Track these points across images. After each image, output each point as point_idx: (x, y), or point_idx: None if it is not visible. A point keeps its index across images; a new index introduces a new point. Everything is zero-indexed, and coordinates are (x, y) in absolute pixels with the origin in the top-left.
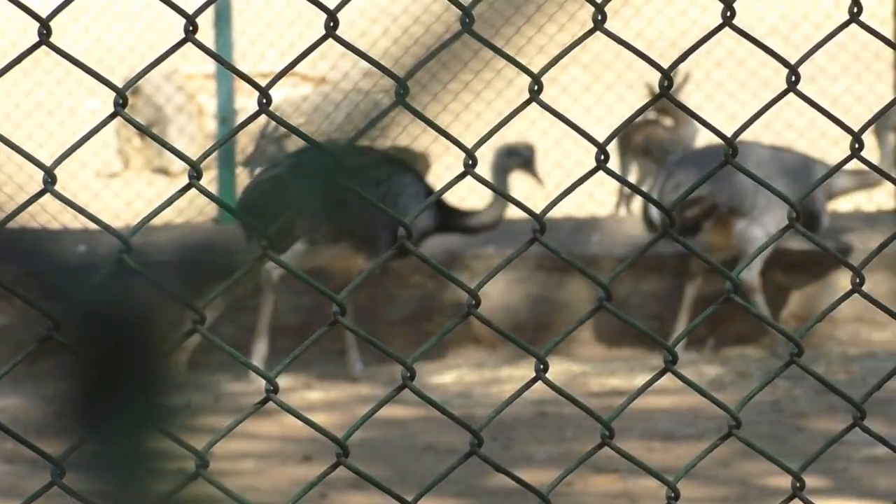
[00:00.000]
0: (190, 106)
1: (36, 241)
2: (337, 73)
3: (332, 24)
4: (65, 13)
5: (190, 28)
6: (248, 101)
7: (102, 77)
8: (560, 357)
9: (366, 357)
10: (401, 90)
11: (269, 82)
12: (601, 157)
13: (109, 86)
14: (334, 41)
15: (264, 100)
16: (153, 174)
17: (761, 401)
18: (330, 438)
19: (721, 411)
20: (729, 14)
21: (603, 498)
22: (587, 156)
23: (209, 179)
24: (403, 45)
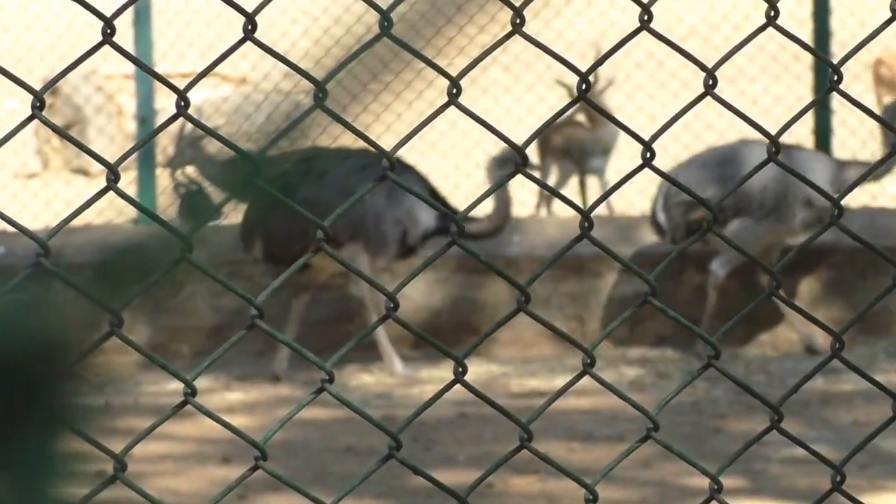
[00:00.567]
0: (109, 106)
1: None
2: (257, 74)
3: (251, 28)
4: None
5: (108, 31)
6: (168, 102)
7: (19, 80)
8: (480, 358)
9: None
10: (319, 93)
11: (187, 85)
12: (520, 161)
13: (27, 88)
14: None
15: (182, 102)
16: (72, 174)
17: (681, 402)
18: (248, 441)
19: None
20: (646, 18)
21: (522, 499)
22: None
23: (129, 181)
24: (324, 47)
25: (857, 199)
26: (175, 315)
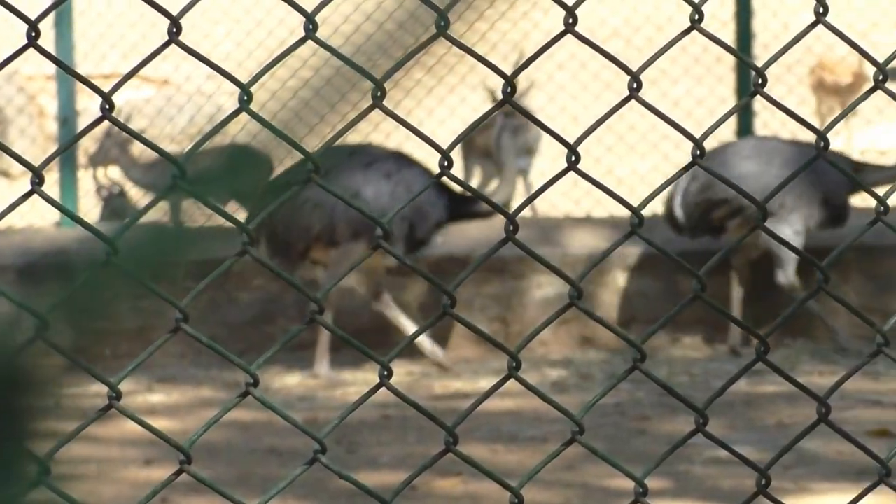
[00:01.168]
0: (31, 107)
1: None
2: (180, 76)
3: (175, 30)
4: None
5: (33, 34)
6: (90, 103)
7: None
8: (404, 359)
9: (208, 360)
10: (244, 96)
11: (112, 88)
12: (444, 164)
13: None
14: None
15: (107, 105)
16: None
17: (604, 403)
18: (173, 445)
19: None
20: (571, 21)
21: (446, 501)
22: (431, 159)
23: (51, 182)
24: (247, 49)
25: None
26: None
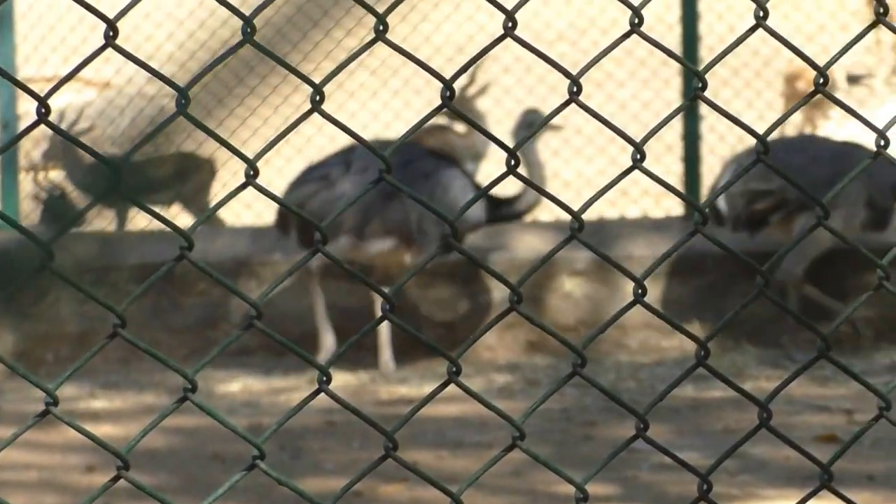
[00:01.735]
0: None
1: None
2: (121, 78)
3: (112, 34)
4: None
5: None
6: (31, 106)
7: None
8: (349, 365)
9: (151, 366)
10: (182, 100)
11: (48, 92)
12: (383, 168)
13: None
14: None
15: (43, 109)
16: None
17: (550, 409)
18: (110, 451)
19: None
20: (510, 24)
21: None
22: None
23: None
24: (189, 50)
25: None
26: (39, 322)
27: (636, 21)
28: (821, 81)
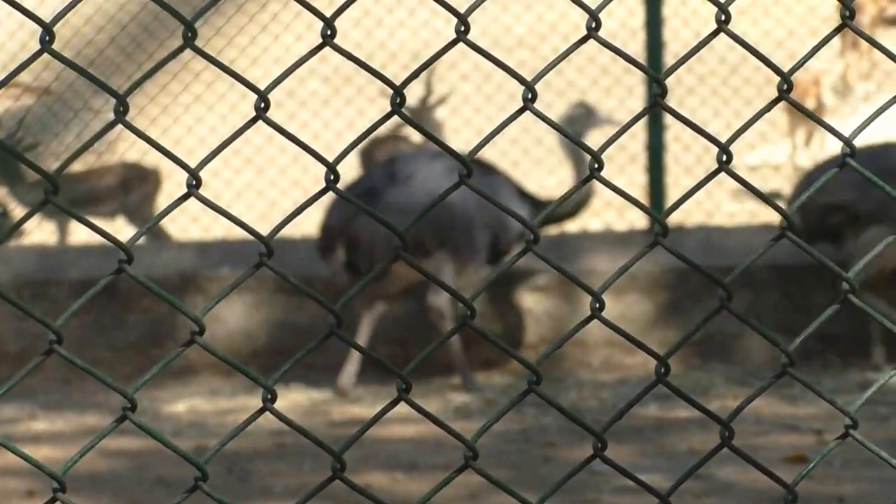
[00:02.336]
0: None
1: None
2: (62, 84)
3: (49, 38)
4: None
5: None
6: None
7: None
8: (301, 384)
9: (93, 386)
10: (120, 108)
11: None
12: (330, 177)
13: None
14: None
15: None
16: None
17: (509, 429)
18: (47, 473)
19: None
20: (463, 29)
21: None
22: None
23: None
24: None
25: (693, 218)
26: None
27: (593, 25)
28: (784, 88)
